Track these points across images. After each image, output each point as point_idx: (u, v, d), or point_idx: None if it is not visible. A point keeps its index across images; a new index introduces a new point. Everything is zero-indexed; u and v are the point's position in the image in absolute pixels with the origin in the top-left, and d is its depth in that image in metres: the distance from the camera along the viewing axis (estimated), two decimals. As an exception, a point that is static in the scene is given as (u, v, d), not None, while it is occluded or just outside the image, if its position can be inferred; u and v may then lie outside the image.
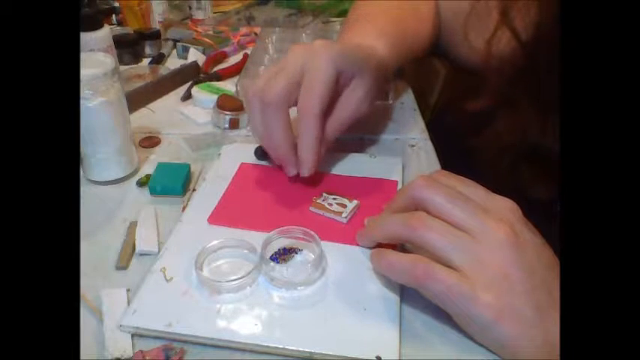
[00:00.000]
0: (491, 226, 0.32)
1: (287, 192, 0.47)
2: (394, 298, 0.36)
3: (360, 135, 0.58)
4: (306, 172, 0.45)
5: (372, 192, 0.46)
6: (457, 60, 0.63)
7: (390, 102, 0.65)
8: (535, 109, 0.48)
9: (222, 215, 0.44)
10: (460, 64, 0.63)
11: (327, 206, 0.44)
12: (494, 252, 0.31)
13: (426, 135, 0.59)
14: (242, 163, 0.50)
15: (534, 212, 0.35)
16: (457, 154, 0.52)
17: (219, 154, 0.53)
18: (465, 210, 0.33)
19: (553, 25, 0.43)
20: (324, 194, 0.45)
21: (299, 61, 0.44)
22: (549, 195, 0.36)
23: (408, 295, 0.36)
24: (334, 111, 0.46)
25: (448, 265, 0.32)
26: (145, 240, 0.42)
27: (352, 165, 0.50)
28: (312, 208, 0.44)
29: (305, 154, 0.44)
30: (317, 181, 0.48)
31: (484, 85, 0.53)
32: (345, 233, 0.41)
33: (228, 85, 0.68)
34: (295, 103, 0.44)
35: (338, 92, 0.46)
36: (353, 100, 0.47)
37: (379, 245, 0.38)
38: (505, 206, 0.34)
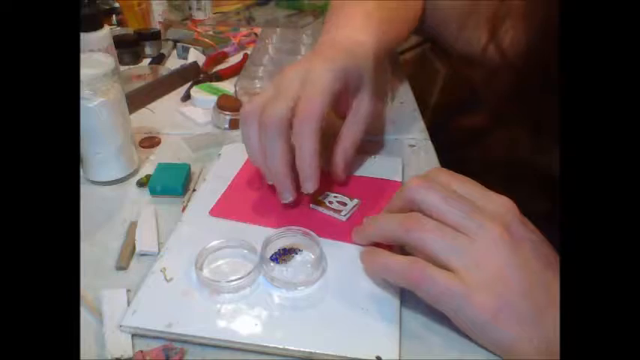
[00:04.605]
0: (486, 226, 0.32)
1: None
2: (394, 298, 0.36)
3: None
4: (310, 187, 0.42)
5: (373, 192, 0.46)
6: (452, 50, 0.63)
7: (390, 102, 0.65)
8: (527, 128, 0.48)
9: (224, 208, 0.44)
10: (456, 55, 0.62)
11: (328, 204, 0.44)
12: (490, 252, 0.31)
13: (426, 135, 0.59)
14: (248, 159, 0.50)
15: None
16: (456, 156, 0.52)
17: (219, 154, 0.53)
18: (460, 210, 0.32)
19: (542, 45, 0.43)
20: (326, 192, 0.45)
21: (297, 79, 0.42)
22: (545, 209, 0.36)
23: (408, 295, 0.35)
24: (348, 123, 0.46)
25: (444, 266, 0.32)
26: (145, 240, 0.42)
27: (353, 166, 0.50)
28: (312, 205, 0.44)
29: (306, 166, 0.41)
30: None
31: (479, 102, 0.53)
32: (344, 231, 0.41)
33: (228, 86, 0.68)
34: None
35: (347, 104, 0.46)
36: (363, 109, 0.46)
37: (375, 245, 0.38)
38: (501, 204, 0.33)
